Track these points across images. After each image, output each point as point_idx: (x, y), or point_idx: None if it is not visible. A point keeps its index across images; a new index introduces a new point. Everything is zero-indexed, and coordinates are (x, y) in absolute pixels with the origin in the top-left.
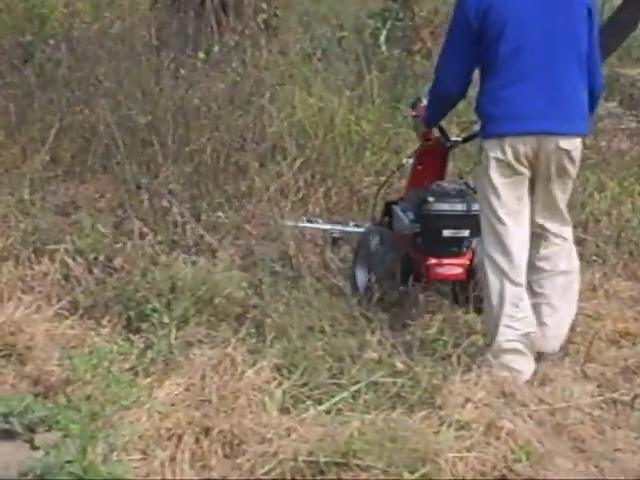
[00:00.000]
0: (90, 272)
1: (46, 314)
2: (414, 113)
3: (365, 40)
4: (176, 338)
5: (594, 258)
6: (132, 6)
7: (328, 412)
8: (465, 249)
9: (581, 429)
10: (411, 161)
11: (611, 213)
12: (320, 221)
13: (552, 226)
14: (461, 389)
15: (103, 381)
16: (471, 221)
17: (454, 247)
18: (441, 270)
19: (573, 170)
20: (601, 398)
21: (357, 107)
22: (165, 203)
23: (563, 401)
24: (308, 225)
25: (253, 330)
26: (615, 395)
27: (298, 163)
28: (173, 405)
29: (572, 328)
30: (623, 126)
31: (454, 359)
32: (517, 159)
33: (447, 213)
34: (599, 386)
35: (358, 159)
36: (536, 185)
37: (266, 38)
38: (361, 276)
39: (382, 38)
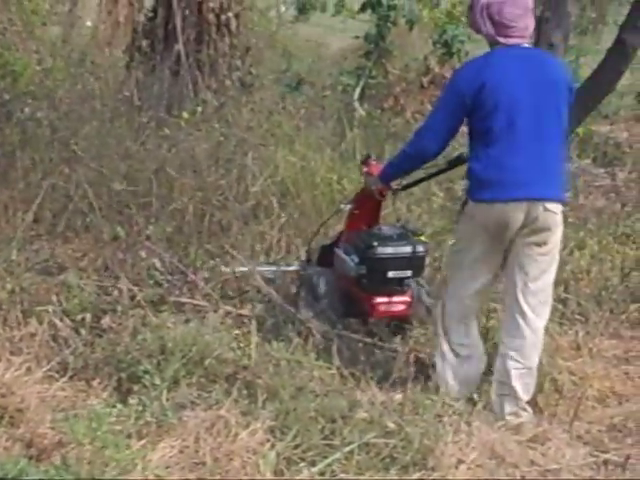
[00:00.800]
0: (77, 333)
1: (36, 376)
2: (365, 169)
3: (339, 98)
4: (168, 400)
5: (576, 317)
6: (105, 64)
7: (322, 474)
8: (407, 288)
9: None
10: (348, 206)
11: (591, 271)
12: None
13: None
14: (453, 450)
15: (97, 444)
16: (413, 262)
17: (397, 286)
18: (386, 308)
19: (558, 236)
20: (593, 460)
21: (339, 165)
22: (155, 261)
23: (554, 462)
24: (242, 269)
25: (244, 391)
26: (607, 456)
27: (282, 221)
28: (168, 468)
29: (559, 388)
30: (597, 183)
31: (446, 419)
32: (503, 225)
33: (391, 256)
34: (586, 444)
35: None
36: (520, 260)
37: (245, 96)
38: (305, 312)
39: (356, 95)
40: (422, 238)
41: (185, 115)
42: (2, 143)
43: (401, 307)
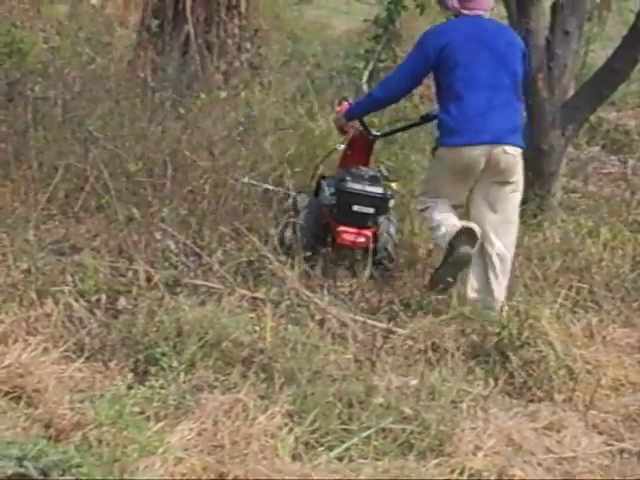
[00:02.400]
0: (93, 314)
1: (53, 356)
2: (337, 109)
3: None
4: (185, 382)
5: (589, 305)
6: (114, 43)
7: (340, 459)
8: (370, 224)
9: (590, 478)
10: (343, 147)
11: (603, 259)
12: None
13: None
14: (470, 437)
15: (118, 425)
16: (377, 201)
17: (361, 220)
18: (349, 237)
19: (519, 176)
20: (608, 448)
21: None
22: (169, 242)
23: (570, 450)
24: (253, 182)
25: (261, 375)
26: (622, 445)
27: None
28: (186, 450)
29: (574, 376)
30: (606, 171)
31: (464, 406)
32: (469, 165)
33: (358, 192)
34: (601, 433)
35: None
36: (487, 194)
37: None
38: (288, 235)
39: (364, 78)
40: (393, 185)
41: (202, 96)
42: (14, 122)
43: (362, 239)
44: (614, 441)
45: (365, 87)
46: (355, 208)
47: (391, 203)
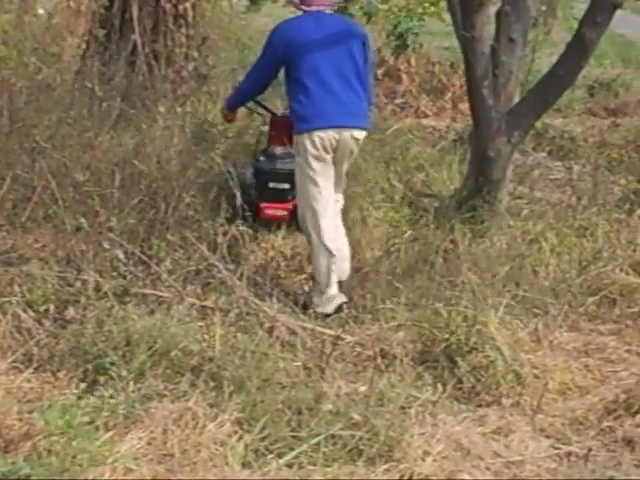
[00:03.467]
0: (41, 324)
1: (1, 367)
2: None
3: None
4: (134, 391)
5: (535, 310)
6: (61, 53)
7: (289, 466)
8: (289, 198)
9: None
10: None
11: (549, 264)
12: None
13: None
14: (419, 442)
15: (66, 435)
16: (289, 177)
17: (279, 196)
18: (269, 212)
19: (356, 153)
20: (555, 452)
21: None
22: (118, 252)
23: (518, 454)
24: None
25: (210, 383)
26: (569, 448)
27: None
28: (136, 459)
29: (521, 381)
30: (553, 177)
31: (413, 411)
32: (324, 148)
33: (271, 170)
34: (548, 437)
35: None
36: (335, 166)
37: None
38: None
39: None
40: None
41: (161, 109)
42: None
43: (281, 213)
44: (561, 444)
45: None
46: (271, 185)
47: None
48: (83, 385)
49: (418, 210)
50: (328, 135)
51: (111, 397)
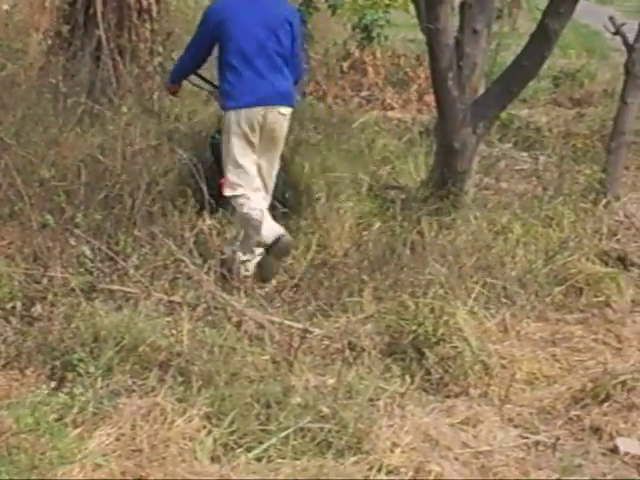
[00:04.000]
0: (8, 322)
1: None
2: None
3: None
4: (102, 388)
5: (502, 300)
6: (25, 49)
7: (259, 459)
8: None
9: (506, 471)
10: None
11: (516, 255)
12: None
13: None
14: (387, 434)
15: (35, 432)
16: None
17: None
18: None
19: (286, 130)
20: (523, 441)
21: None
22: (84, 248)
23: (486, 444)
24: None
25: (179, 378)
26: (537, 437)
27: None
28: (105, 455)
29: (489, 371)
30: (518, 167)
31: (381, 403)
32: (250, 125)
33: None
34: (517, 426)
35: None
36: (262, 145)
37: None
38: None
39: None
40: None
41: (124, 109)
42: None
43: None
44: (529, 434)
45: None
46: None
47: None
48: (51, 382)
49: (385, 202)
50: (254, 112)
51: (79, 394)
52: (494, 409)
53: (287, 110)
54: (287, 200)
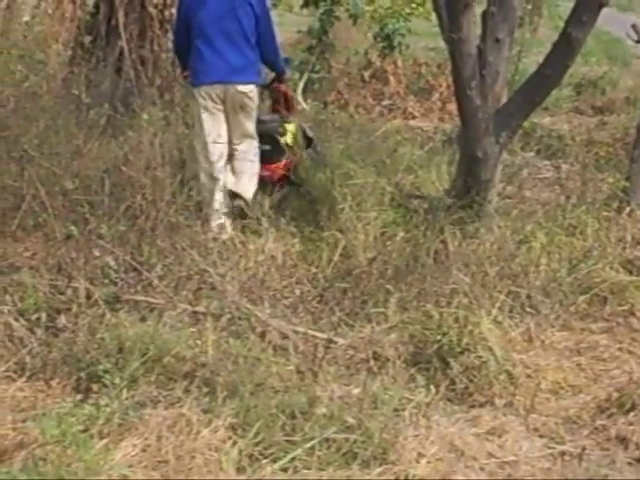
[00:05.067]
0: (33, 333)
1: None
2: None
3: None
4: (127, 398)
5: (527, 309)
6: (48, 60)
7: (284, 470)
8: (274, 159)
9: None
10: None
11: (539, 263)
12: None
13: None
14: (413, 444)
15: (61, 444)
16: (268, 139)
17: (264, 157)
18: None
19: (252, 104)
20: (549, 451)
21: None
22: (108, 259)
23: (512, 454)
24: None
25: (204, 389)
26: (563, 447)
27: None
28: (131, 467)
29: (514, 381)
30: (541, 176)
31: (406, 413)
32: (212, 100)
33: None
34: (542, 437)
35: None
36: (229, 117)
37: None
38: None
39: (299, 90)
40: (289, 124)
41: (145, 116)
42: None
43: (266, 173)
44: (555, 444)
45: (300, 98)
46: None
47: (284, 140)
48: (76, 393)
49: (408, 212)
50: (214, 89)
51: (105, 405)
52: (519, 419)
53: (246, 87)
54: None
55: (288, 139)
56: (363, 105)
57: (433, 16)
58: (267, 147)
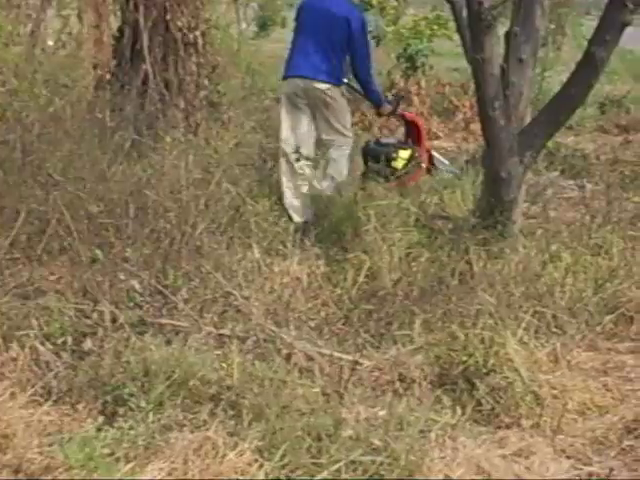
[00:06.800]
0: (59, 357)
1: (20, 401)
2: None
3: None
4: (153, 422)
5: (553, 330)
6: (70, 85)
7: None
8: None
9: None
10: None
11: (565, 283)
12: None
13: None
14: (440, 466)
15: (85, 468)
16: (386, 158)
17: (376, 173)
18: None
19: (332, 102)
20: (576, 472)
21: None
22: (134, 283)
23: (539, 476)
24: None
25: (230, 411)
26: (590, 469)
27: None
28: None
29: (540, 401)
30: (566, 195)
31: (432, 435)
32: (295, 93)
33: (371, 153)
34: (569, 458)
35: None
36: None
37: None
38: None
39: None
40: (403, 150)
41: (168, 139)
42: None
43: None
44: (582, 465)
45: None
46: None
47: (395, 164)
48: (102, 417)
49: (433, 232)
50: (296, 82)
51: (131, 428)
52: (546, 440)
53: (323, 85)
54: None
55: (398, 164)
56: (387, 126)
57: (456, 36)
58: (378, 167)
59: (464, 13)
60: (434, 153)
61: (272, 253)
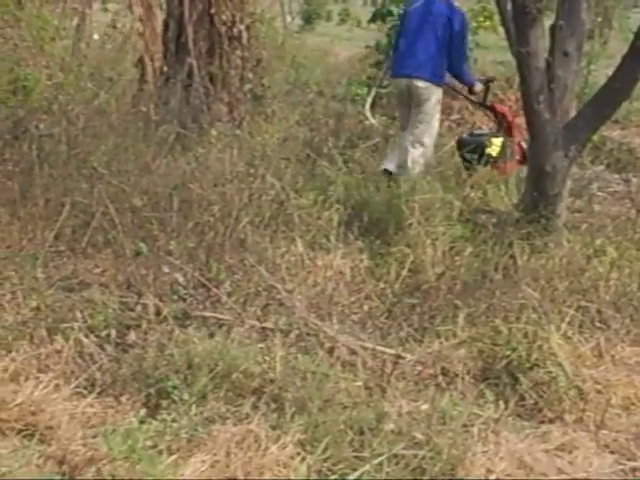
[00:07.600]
0: (103, 349)
1: (64, 393)
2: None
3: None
4: (196, 414)
5: (597, 324)
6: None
7: None
8: (479, 164)
9: None
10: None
11: (610, 278)
12: None
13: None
14: (482, 460)
15: (130, 459)
16: (477, 149)
17: (470, 162)
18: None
19: (427, 97)
20: (620, 467)
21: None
22: (177, 276)
23: (582, 471)
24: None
25: (272, 405)
26: (634, 464)
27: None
28: None
29: (584, 396)
30: (611, 189)
31: (475, 429)
32: (400, 90)
33: (465, 143)
34: (612, 453)
35: None
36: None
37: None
38: None
39: (367, 105)
40: (497, 138)
41: (213, 132)
42: (20, 160)
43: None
44: (626, 460)
45: (369, 114)
46: (465, 154)
47: (489, 151)
48: (146, 409)
49: (476, 227)
50: (401, 80)
51: (173, 421)
52: (590, 435)
53: (422, 83)
54: None
55: (493, 151)
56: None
57: (501, 29)
58: (475, 156)
59: (509, 6)
60: (524, 145)
61: (315, 247)
